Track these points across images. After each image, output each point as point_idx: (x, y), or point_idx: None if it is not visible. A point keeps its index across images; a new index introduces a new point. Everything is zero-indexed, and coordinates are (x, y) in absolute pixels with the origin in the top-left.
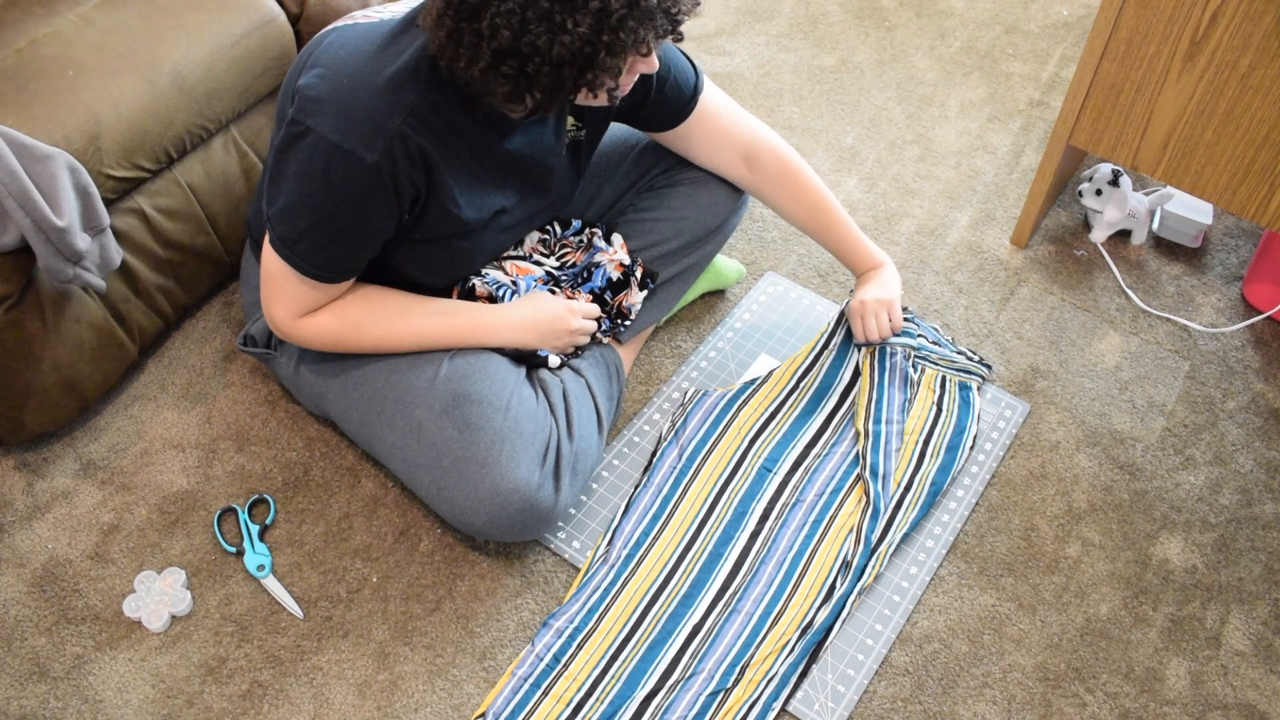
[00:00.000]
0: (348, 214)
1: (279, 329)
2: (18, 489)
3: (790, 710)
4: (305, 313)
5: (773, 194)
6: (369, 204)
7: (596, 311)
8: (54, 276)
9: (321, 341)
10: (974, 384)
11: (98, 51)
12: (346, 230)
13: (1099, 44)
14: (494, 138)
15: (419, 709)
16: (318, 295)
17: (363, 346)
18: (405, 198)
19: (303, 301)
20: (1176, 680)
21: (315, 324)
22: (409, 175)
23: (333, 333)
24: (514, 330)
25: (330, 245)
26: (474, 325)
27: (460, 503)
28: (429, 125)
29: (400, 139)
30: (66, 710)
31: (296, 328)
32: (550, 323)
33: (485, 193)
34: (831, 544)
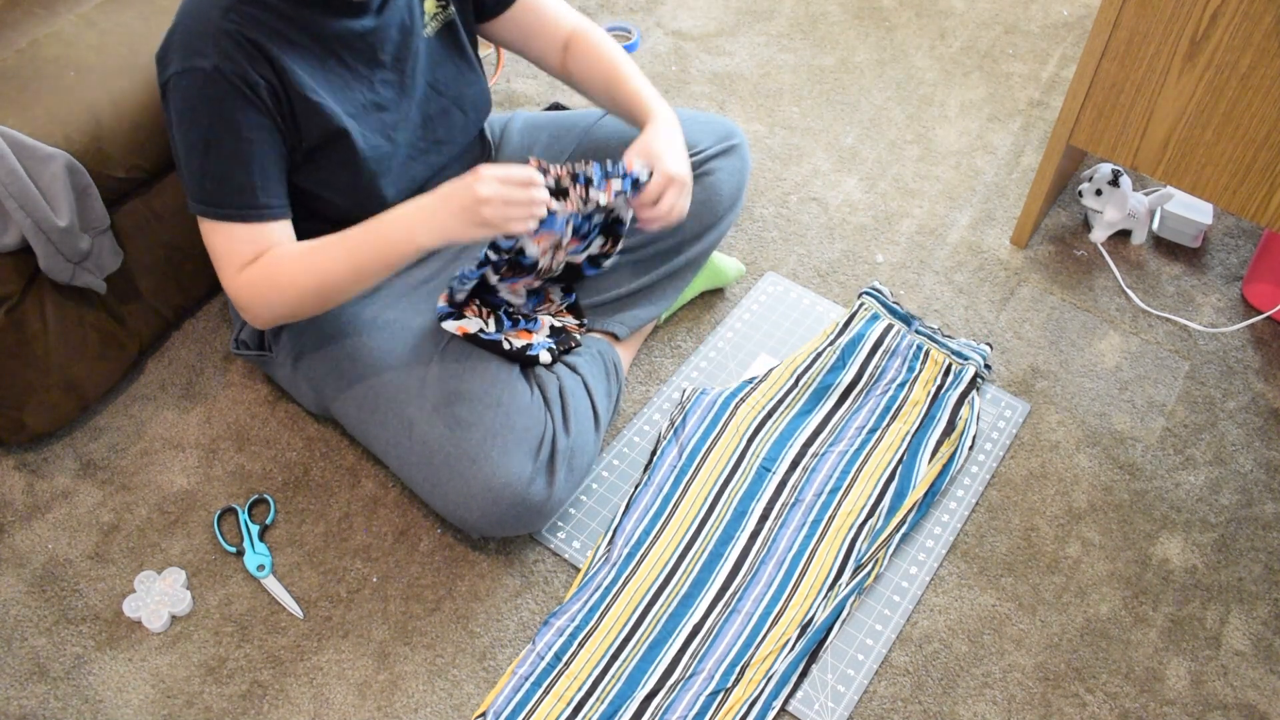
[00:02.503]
0: (223, 132)
1: (234, 299)
2: (18, 489)
3: (790, 710)
4: (245, 266)
5: (577, 73)
6: (235, 114)
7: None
8: (54, 277)
9: (258, 287)
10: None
11: (98, 52)
12: (233, 152)
13: (1099, 44)
14: (332, 18)
15: (419, 709)
16: (249, 242)
17: (298, 284)
18: (263, 96)
19: (239, 253)
20: (1176, 680)
21: (249, 271)
22: (254, 70)
23: (264, 274)
24: (424, 218)
25: (228, 175)
26: (387, 226)
27: (453, 499)
28: (255, 17)
29: (227, 36)
30: (66, 710)
31: (237, 283)
32: (459, 199)
33: (345, 83)
34: (831, 543)
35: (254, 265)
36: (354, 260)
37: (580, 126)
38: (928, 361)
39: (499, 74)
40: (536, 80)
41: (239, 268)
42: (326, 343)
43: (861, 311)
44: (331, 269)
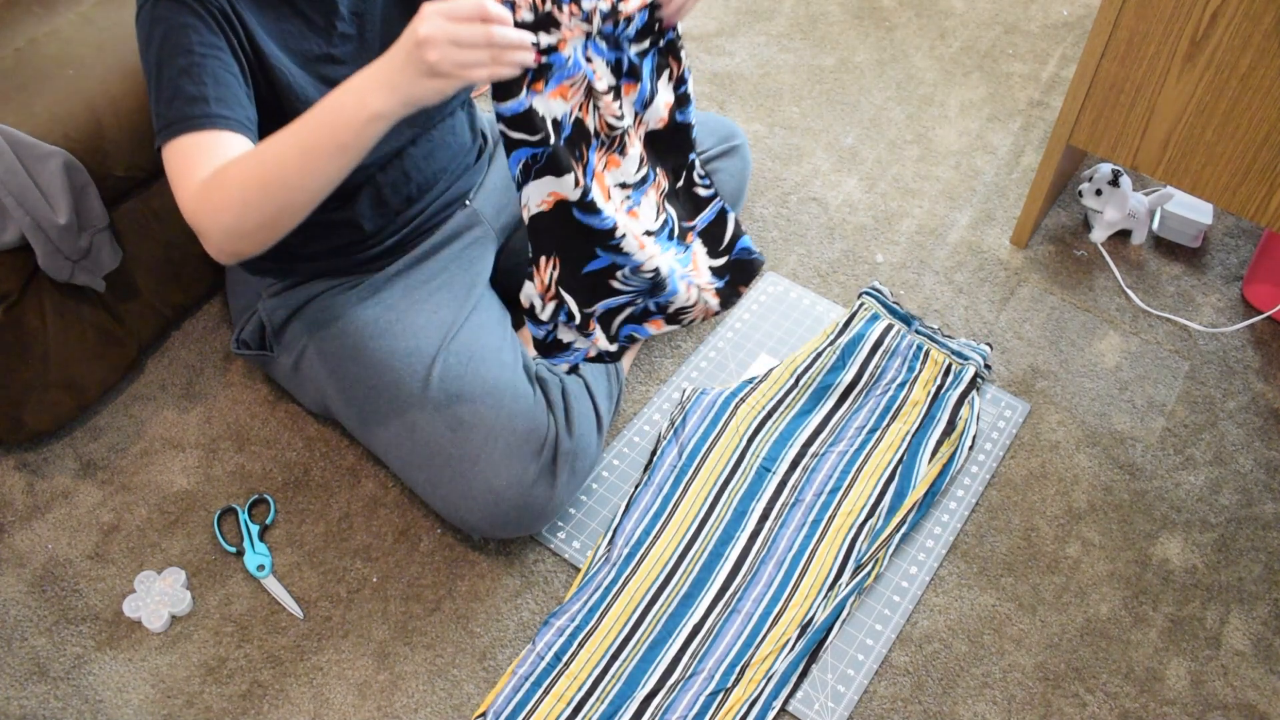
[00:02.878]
0: (174, 51)
1: (190, 221)
2: (18, 489)
3: (790, 710)
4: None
5: None
6: (187, 32)
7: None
8: (54, 275)
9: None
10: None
11: (98, 50)
12: (184, 68)
13: (1099, 44)
14: None
15: (419, 709)
16: (203, 150)
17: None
18: (217, 19)
19: (191, 167)
20: (1176, 680)
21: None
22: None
23: (214, 180)
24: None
25: (179, 90)
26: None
27: (455, 500)
28: None
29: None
30: (66, 710)
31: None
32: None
33: (300, 33)
34: (831, 543)
35: (201, 182)
36: (302, 140)
37: None
38: (928, 361)
39: None
40: None
41: (193, 179)
42: (328, 343)
43: (861, 311)
44: (278, 154)
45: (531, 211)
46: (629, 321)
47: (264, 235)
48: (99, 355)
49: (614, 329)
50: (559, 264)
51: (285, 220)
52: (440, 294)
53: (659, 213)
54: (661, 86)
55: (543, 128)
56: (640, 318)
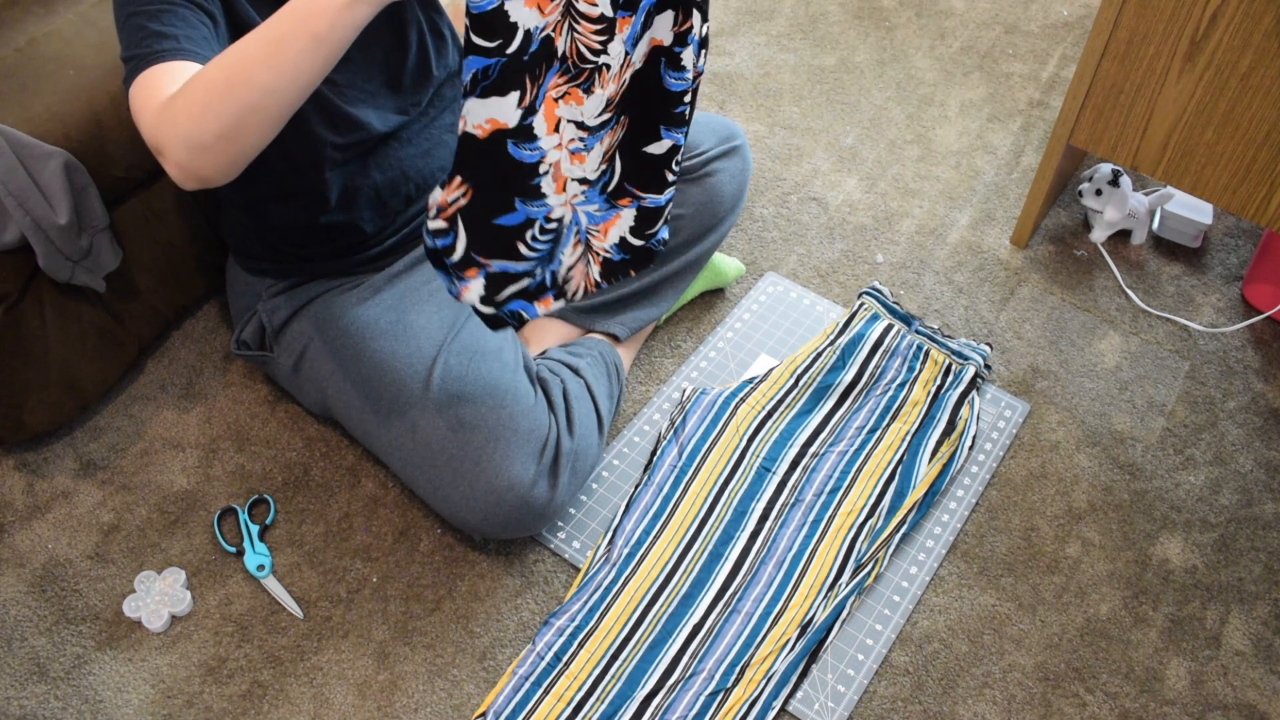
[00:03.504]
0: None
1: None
2: (18, 489)
3: (790, 710)
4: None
5: None
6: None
7: None
8: (54, 276)
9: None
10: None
11: (98, 50)
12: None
13: (1099, 44)
14: None
15: (419, 709)
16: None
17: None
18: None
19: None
20: (1176, 680)
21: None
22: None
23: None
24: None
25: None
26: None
27: (456, 501)
28: None
29: None
30: (66, 710)
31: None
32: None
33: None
34: (831, 543)
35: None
36: (271, 31)
37: None
38: (928, 361)
39: None
40: None
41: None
42: (329, 344)
43: (861, 311)
44: (243, 50)
45: (466, 129)
46: (520, 296)
47: (225, 148)
48: (99, 355)
49: (502, 298)
50: (470, 196)
51: (249, 130)
52: (440, 294)
53: (603, 163)
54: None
55: (507, 35)
56: (534, 294)
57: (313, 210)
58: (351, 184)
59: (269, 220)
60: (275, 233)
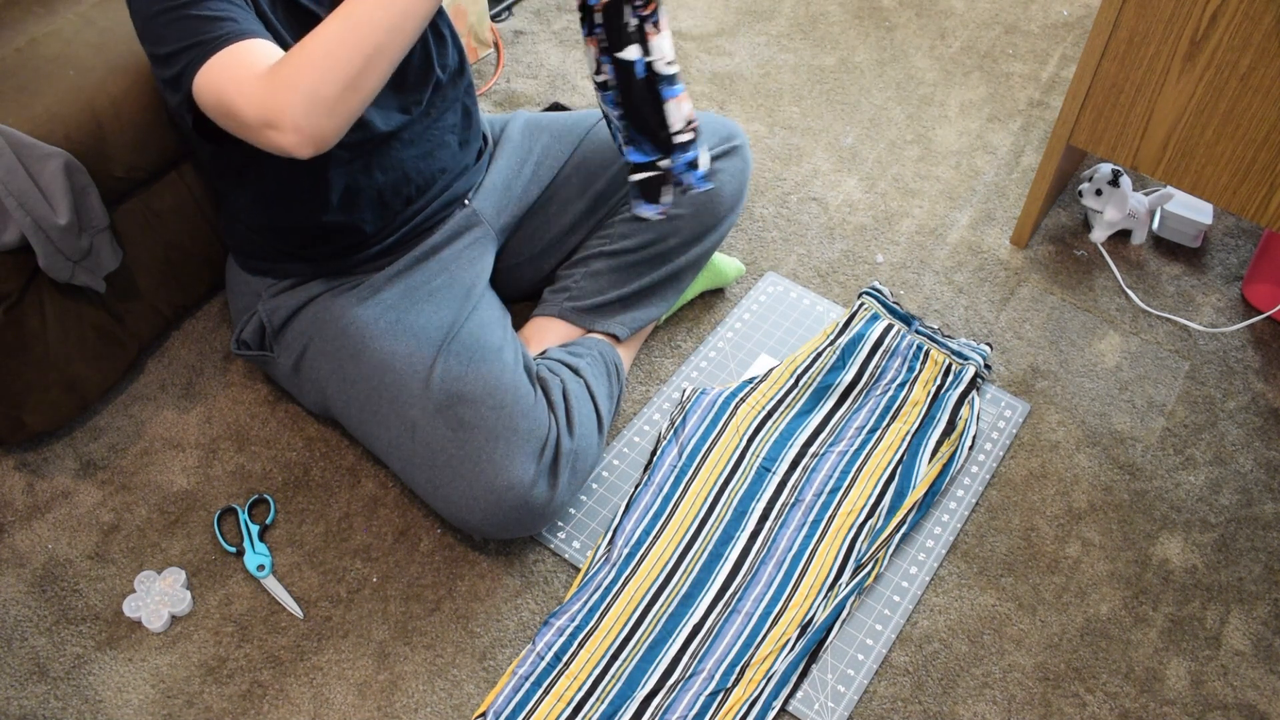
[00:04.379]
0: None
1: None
2: (18, 489)
3: (790, 710)
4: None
5: None
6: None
7: None
8: (54, 276)
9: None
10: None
11: (98, 50)
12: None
13: (1099, 44)
14: None
15: (419, 709)
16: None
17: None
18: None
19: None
20: (1176, 680)
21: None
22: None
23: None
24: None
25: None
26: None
27: (456, 500)
28: None
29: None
30: (66, 710)
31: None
32: None
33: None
34: (831, 543)
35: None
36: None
37: (582, 126)
38: (928, 361)
39: (499, 74)
40: (536, 80)
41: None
42: (329, 343)
43: (861, 311)
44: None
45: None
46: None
47: (348, 100)
48: (99, 355)
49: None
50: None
51: (373, 75)
52: (440, 294)
53: None
54: None
55: None
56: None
57: (314, 211)
58: (354, 184)
59: (270, 221)
60: (276, 233)
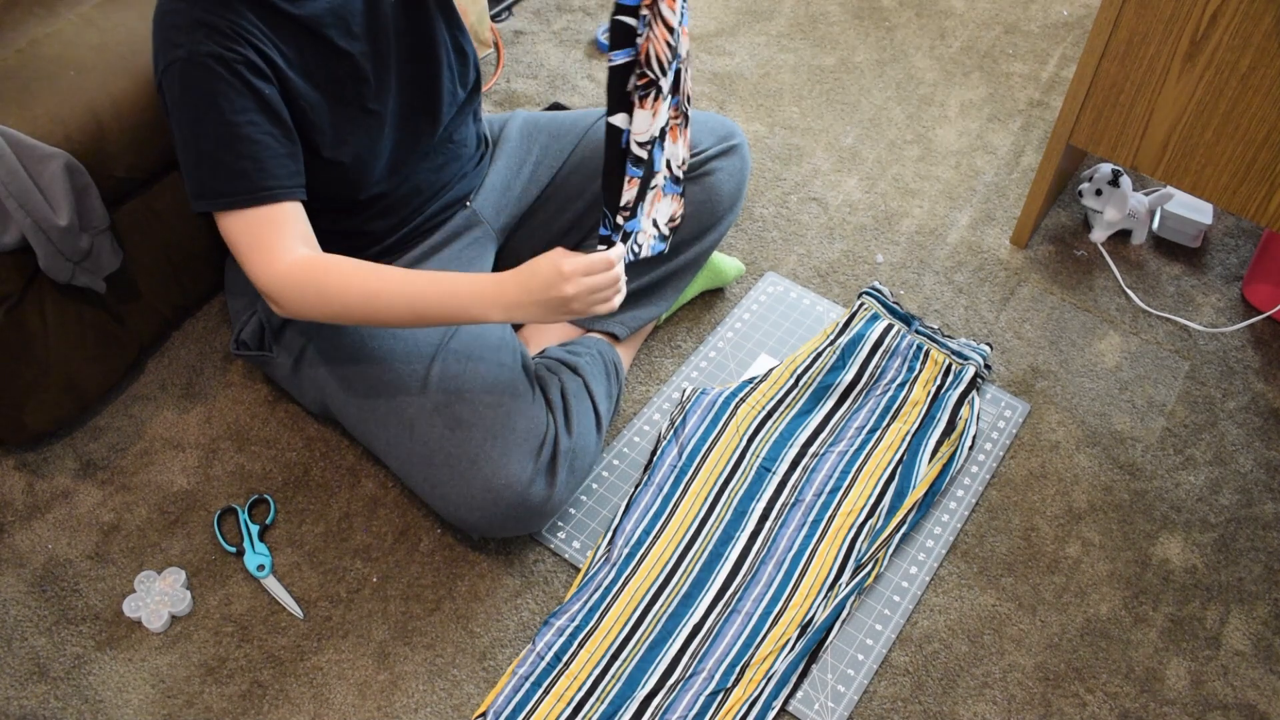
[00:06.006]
0: (206, 119)
1: (263, 290)
2: (18, 489)
3: (790, 710)
4: (272, 254)
5: None
6: (216, 98)
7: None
8: (54, 276)
9: (303, 289)
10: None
11: (99, 51)
12: (220, 137)
13: (1099, 44)
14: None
15: (419, 709)
16: (266, 226)
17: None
18: (244, 73)
19: (259, 239)
20: (1176, 680)
21: (293, 269)
22: (230, 49)
23: (311, 279)
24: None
25: (220, 161)
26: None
27: (454, 499)
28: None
29: (199, 24)
30: (66, 710)
31: (275, 276)
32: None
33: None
34: (831, 543)
35: (299, 263)
36: (416, 309)
37: (580, 126)
38: (928, 361)
39: (499, 74)
40: (536, 80)
41: (265, 253)
42: (328, 343)
43: (861, 311)
44: (390, 306)
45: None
46: None
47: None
48: (99, 355)
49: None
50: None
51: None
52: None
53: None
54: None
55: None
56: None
57: (326, 219)
58: (365, 198)
59: None
60: None
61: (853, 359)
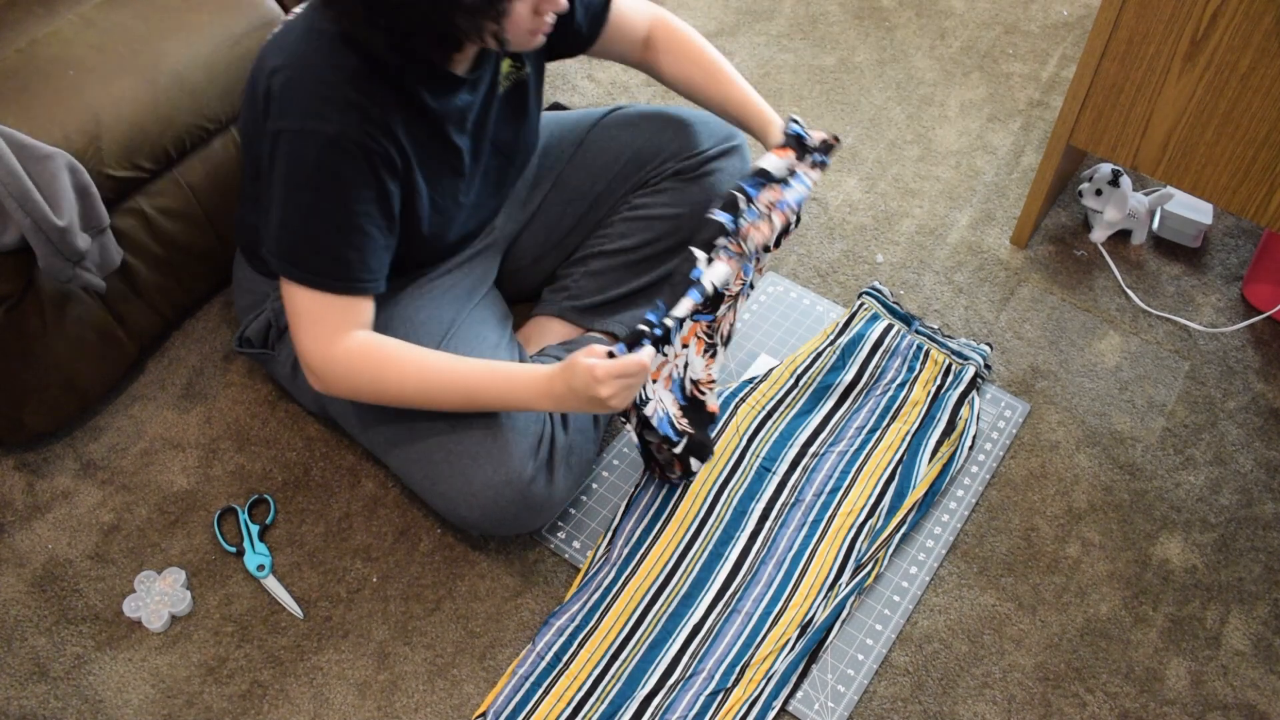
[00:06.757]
0: (334, 202)
1: (311, 367)
2: (18, 489)
3: (790, 710)
4: (333, 338)
5: (667, 67)
6: (350, 186)
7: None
8: (54, 276)
9: (357, 371)
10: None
11: (98, 51)
12: (341, 224)
13: (1099, 44)
14: (441, 95)
15: (419, 709)
16: (339, 314)
17: (404, 390)
18: (379, 168)
19: (329, 322)
20: (1176, 680)
21: (349, 351)
22: (376, 142)
23: (367, 362)
24: (549, 399)
25: (330, 245)
26: (514, 392)
27: (453, 496)
28: (378, 91)
29: (354, 107)
30: (66, 710)
31: (329, 359)
32: (584, 398)
33: (436, 153)
34: (831, 543)
35: (356, 348)
36: (472, 400)
37: (582, 126)
38: (928, 361)
39: None
40: None
41: (327, 337)
42: None
43: (861, 311)
44: (442, 395)
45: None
46: None
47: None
48: (99, 355)
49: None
50: None
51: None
52: (444, 294)
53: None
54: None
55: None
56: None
57: None
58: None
59: None
60: None
61: (853, 359)
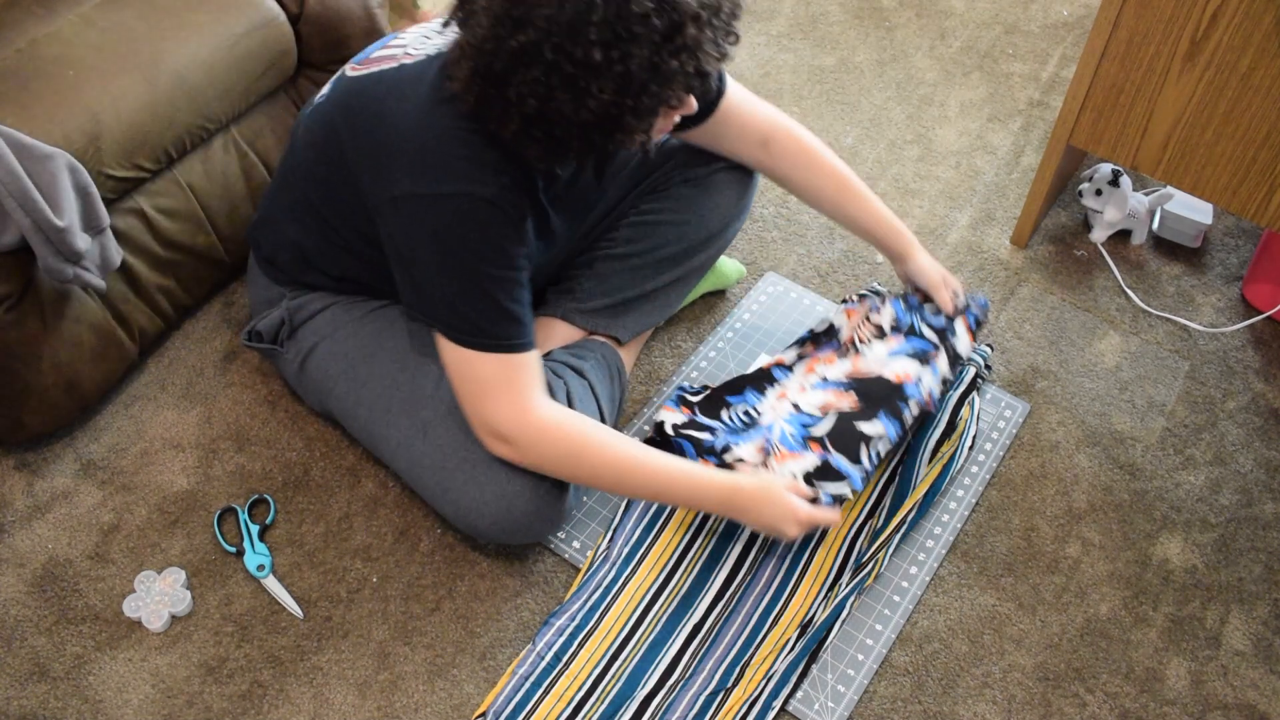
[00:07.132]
0: (496, 263)
1: (506, 434)
2: (18, 489)
3: (790, 710)
4: (528, 402)
5: (793, 174)
6: (508, 245)
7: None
8: (54, 277)
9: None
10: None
11: (98, 51)
12: (504, 282)
13: (1099, 44)
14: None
15: (419, 709)
16: (528, 373)
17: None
18: (528, 229)
19: (517, 385)
20: (1176, 680)
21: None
22: (526, 203)
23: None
24: (738, 515)
25: (497, 306)
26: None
27: (466, 505)
28: (513, 159)
29: (504, 172)
30: (66, 710)
31: (527, 425)
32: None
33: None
34: (831, 543)
35: (554, 423)
36: (663, 495)
37: None
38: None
39: None
40: None
41: (523, 401)
42: (340, 344)
43: None
44: (638, 487)
45: None
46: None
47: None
48: (99, 356)
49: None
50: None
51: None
52: None
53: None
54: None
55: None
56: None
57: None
58: None
59: (344, 273)
60: (330, 270)
61: None
